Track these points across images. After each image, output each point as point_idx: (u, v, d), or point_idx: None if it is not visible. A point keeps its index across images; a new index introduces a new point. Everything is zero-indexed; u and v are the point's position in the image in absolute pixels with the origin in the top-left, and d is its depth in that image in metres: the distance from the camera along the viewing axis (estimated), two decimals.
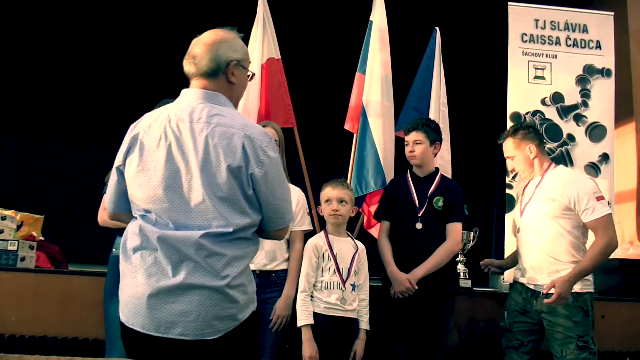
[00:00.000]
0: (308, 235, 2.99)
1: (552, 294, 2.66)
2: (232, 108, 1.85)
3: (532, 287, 2.86)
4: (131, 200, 1.80)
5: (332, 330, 2.75)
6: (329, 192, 2.90)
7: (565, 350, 2.69)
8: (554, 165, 3.00)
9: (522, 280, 2.92)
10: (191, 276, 1.67)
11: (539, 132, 3.15)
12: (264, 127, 2.89)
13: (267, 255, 2.79)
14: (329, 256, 2.83)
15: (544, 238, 2.83)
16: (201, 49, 1.84)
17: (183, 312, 1.66)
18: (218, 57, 1.83)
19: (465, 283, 3.57)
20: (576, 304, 2.74)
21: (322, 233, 2.94)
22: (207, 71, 1.83)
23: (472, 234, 3.67)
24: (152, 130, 1.76)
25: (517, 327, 2.89)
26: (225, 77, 1.85)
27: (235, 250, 1.74)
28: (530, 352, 2.85)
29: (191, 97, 1.82)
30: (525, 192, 3.04)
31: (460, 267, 3.56)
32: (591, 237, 2.86)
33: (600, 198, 2.78)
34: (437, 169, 3.22)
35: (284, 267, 2.86)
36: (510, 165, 3.07)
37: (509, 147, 3.03)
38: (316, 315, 2.77)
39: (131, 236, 1.76)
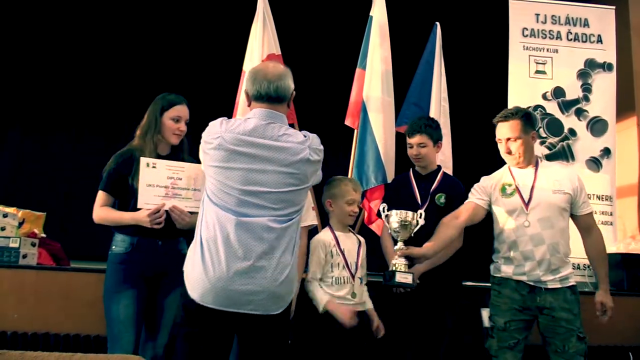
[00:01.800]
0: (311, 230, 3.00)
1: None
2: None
3: (531, 283, 2.76)
4: (207, 194, 2.13)
5: (340, 324, 2.74)
6: (353, 194, 2.94)
7: (567, 344, 2.67)
8: (538, 158, 2.96)
9: (519, 277, 2.79)
10: (261, 259, 2.03)
11: None
12: None
13: None
14: (337, 252, 2.85)
15: (554, 231, 2.75)
16: (277, 76, 2.19)
17: (255, 291, 2.01)
18: (289, 86, 2.22)
19: (405, 278, 2.72)
20: (574, 296, 2.76)
21: (328, 229, 2.96)
22: (282, 96, 2.19)
23: (416, 216, 2.81)
24: (229, 139, 2.09)
25: (514, 326, 2.75)
26: (287, 104, 2.23)
27: (291, 234, 2.13)
28: (523, 350, 2.78)
29: (264, 116, 2.16)
30: (518, 182, 2.85)
31: (399, 260, 2.76)
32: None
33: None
34: (439, 167, 3.24)
35: None
36: (508, 147, 2.85)
37: (516, 127, 2.83)
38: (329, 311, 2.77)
39: (205, 225, 2.08)
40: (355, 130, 4.12)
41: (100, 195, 2.64)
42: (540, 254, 2.75)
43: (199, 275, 2.02)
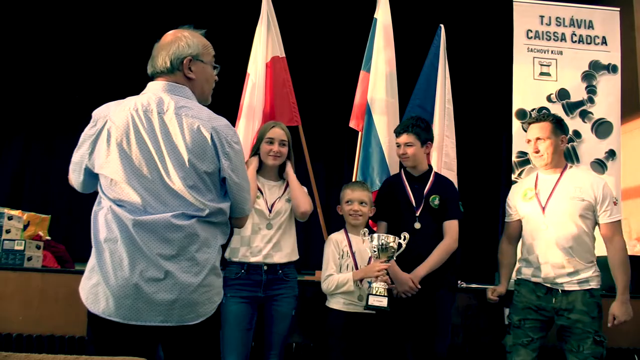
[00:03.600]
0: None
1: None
2: (196, 101, 1.94)
3: (548, 285, 2.84)
4: (101, 188, 1.84)
5: (351, 325, 2.79)
6: (349, 193, 2.99)
7: (583, 345, 2.72)
8: (569, 164, 3.01)
9: (536, 279, 2.87)
10: (169, 263, 1.74)
11: None
12: (272, 127, 2.92)
13: (274, 247, 2.81)
14: (347, 252, 2.90)
15: (569, 236, 2.80)
16: (155, 50, 1.97)
17: (164, 301, 1.73)
18: (170, 55, 1.93)
19: (379, 301, 2.71)
20: (593, 299, 2.79)
21: (343, 230, 3.01)
22: (163, 70, 1.93)
23: (396, 239, 2.82)
24: (119, 119, 1.82)
25: (528, 324, 2.85)
26: (182, 73, 1.94)
27: (205, 232, 1.83)
28: (538, 349, 2.85)
29: (158, 89, 1.90)
30: (539, 187, 2.95)
31: (379, 284, 2.75)
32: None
33: (615, 203, 2.88)
34: (431, 167, 3.23)
35: (288, 259, 2.86)
36: (537, 147, 2.93)
37: (546, 129, 2.91)
38: (335, 311, 2.82)
39: (102, 226, 1.78)
40: (360, 133, 4.12)
41: None
42: (556, 257, 2.81)
43: (99, 282, 1.74)
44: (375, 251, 2.77)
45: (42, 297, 3.16)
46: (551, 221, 2.84)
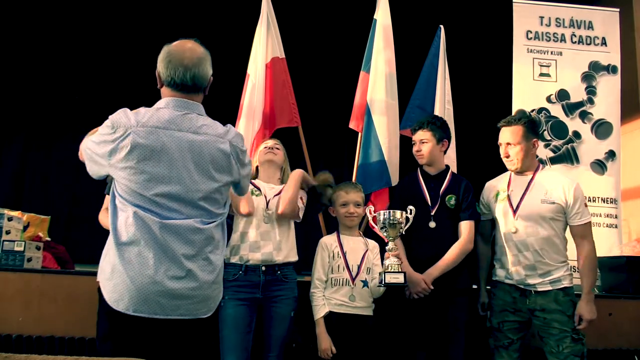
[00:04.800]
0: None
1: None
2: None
3: (521, 286, 2.86)
4: (119, 193, 1.91)
5: (340, 326, 2.78)
6: (344, 195, 2.99)
7: (561, 345, 2.73)
8: (541, 165, 3.03)
9: (509, 281, 2.90)
10: (189, 262, 1.89)
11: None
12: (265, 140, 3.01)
13: (275, 245, 2.80)
14: (338, 253, 2.89)
15: (540, 239, 2.83)
16: (195, 62, 1.97)
17: (184, 295, 1.88)
18: (207, 73, 2.02)
19: (395, 278, 2.71)
20: (567, 298, 2.81)
21: (335, 232, 3.01)
22: (199, 85, 1.99)
23: (403, 214, 2.85)
24: (143, 134, 1.87)
25: (507, 326, 2.87)
26: (203, 92, 2.05)
27: (218, 235, 2.00)
28: (519, 350, 2.87)
29: (179, 105, 1.96)
30: (512, 188, 2.96)
31: (391, 260, 2.76)
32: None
33: (586, 205, 2.90)
34: (448, 167, 3.18)
35: (287, 258, 2.85)
36: (507, 152, 2.94)
37: (517, 134, 2.91)
38: (328, 313, 2.81)
39: (123, 228, 1.86)
40: (360, 134, 4.12)
41: (106, 199, 2.67)
42: (526, 259, 2.84)
43: (123, 281, 1.82)
44: (384, 228, 2.79)
45: (42, 298, 3.16)
46: (522, 224, 2.87)
